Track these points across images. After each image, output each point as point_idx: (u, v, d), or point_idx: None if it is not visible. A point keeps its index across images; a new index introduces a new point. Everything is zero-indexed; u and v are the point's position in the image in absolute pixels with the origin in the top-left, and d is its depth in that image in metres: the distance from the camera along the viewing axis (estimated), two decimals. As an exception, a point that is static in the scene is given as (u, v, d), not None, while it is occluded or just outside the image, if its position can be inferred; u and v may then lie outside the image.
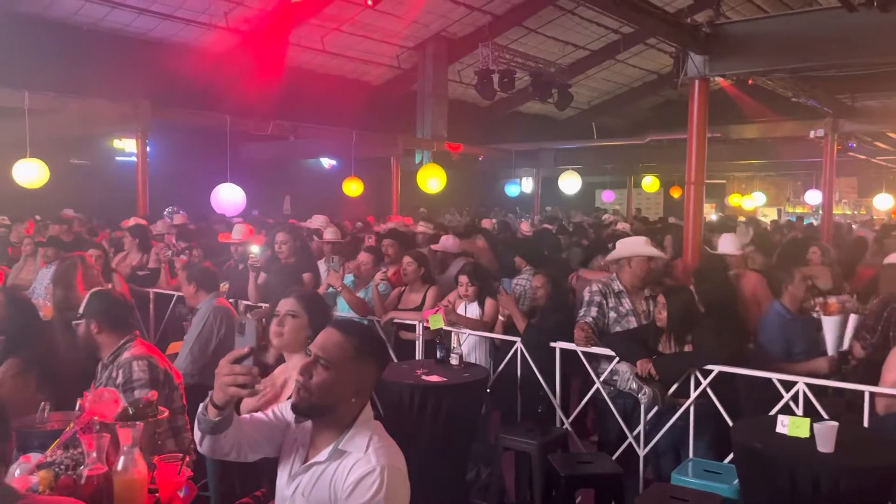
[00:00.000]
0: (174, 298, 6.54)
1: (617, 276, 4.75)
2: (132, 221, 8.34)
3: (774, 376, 4.01)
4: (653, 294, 4.62)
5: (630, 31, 14.47)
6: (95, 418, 2.46)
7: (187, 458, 2.32)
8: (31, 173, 8.89)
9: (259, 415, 2.23)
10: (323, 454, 2.00)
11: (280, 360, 3.03)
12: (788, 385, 3.96)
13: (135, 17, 11.17)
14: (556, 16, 14.41)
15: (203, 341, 4.68)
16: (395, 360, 5.33)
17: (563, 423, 4.70)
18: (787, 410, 3.84)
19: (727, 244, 5.76)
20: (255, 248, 6.03)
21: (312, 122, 12.79)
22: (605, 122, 18.19)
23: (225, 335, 4.73)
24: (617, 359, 4.39)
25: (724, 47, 6.34)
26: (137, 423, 2.37)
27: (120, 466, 2.27)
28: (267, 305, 5.64)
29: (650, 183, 19.46)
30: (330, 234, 7.12)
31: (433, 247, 6.76)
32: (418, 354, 5.31)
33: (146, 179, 9.95)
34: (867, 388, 3.75)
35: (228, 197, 10.51)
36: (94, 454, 2.25)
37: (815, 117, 10.57)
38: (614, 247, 5.10)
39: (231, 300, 5.57)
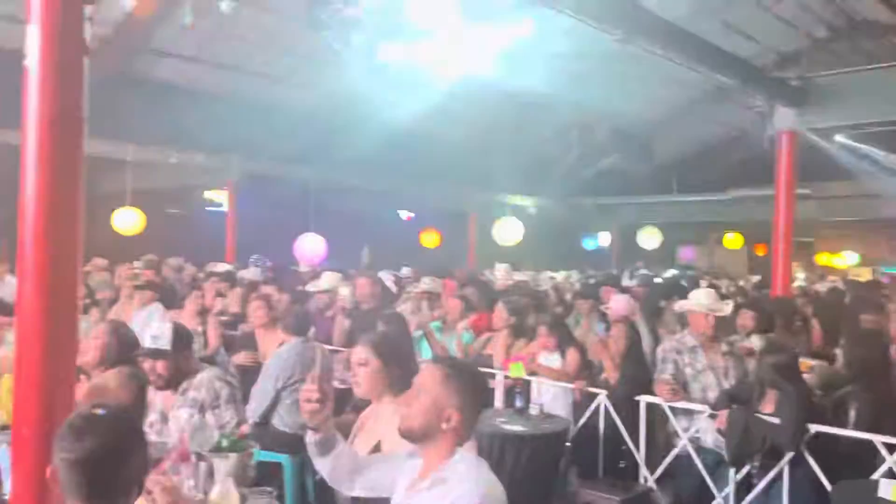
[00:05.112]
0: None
1: (688, 331, 4.63)
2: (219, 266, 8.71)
3: (877, 438, 3.76)
4: (731, 350, 4.49)
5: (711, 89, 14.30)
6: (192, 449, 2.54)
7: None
8: (128, 221, 9.68)
9: None
10: None
11: None
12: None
13: (229, 77, 11.66)
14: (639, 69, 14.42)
15: (273, 381, 4.61)
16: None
17: (646, 480, 4.56)
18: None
19: None
20: (344, 291, 6.17)
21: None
22: (689, 176, 17.89)
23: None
24: (704, 413, 4.25)
25: (814, 100, 6.21)
26: (230, 454, 2.45)
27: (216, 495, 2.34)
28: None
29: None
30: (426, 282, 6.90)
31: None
32: (498, 402, 5.26)
33: (235, 228, 10.49)
34: None
35: (311, 247, 10.87)
36: (192, 483, 2.33)
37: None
38: None
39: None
